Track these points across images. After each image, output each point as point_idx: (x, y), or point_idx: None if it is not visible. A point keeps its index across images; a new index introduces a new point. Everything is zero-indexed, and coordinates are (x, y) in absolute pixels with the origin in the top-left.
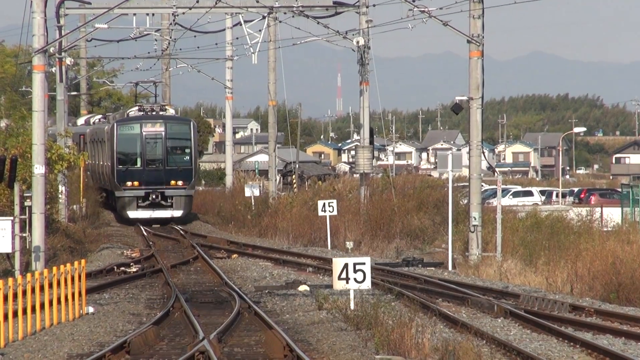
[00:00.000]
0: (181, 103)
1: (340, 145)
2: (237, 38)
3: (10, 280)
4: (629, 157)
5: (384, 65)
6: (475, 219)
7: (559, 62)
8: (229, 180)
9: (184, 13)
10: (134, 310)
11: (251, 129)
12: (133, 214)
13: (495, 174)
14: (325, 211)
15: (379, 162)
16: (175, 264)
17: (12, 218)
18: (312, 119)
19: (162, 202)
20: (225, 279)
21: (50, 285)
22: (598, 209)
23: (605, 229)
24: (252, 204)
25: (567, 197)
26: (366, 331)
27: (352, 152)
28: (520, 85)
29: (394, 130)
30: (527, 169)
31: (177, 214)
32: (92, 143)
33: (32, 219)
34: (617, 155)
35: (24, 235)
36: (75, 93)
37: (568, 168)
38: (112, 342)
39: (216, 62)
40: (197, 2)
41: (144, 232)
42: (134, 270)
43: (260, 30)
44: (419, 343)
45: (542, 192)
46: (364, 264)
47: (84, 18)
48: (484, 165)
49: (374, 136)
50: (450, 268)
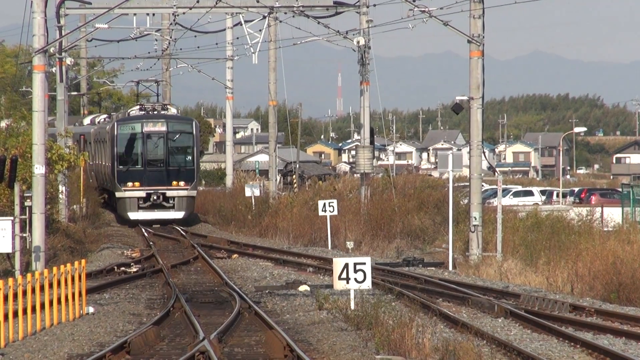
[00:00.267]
0: (181, 103)
1: (340, 145)
2: (238, 38)
3: (10, 280)
4: (629, 157)
5: (384, 65)
6: (475, 218)
7: (560, 61)
8: (229, 180)
9: (184, 13)
10: (134, 311)
11: (251, 129)
12: (134, 216)
13: (496, 173)
14: (325, 211)
15: (379, 162)
16: (176, 264)
17: (12, 218)
18: (313, 118)
19: (164, 203)
20: (225, 279)
21: (50, 286)
22: (598, 209)
23: (605, 229)
24: (253, 204)
25: (568, 197)
26: (366, 331)
27: (353, 152)
28: (520, 85)
29: (394, 130)
30: (527, 168)
31: (179, 215)
32: (96, 143)
33: (32, 219)
34: (618, 155)
35: (24, 235)
36: (75, 93)
37: (568, 168)
38: (113, 342)
39: (216, 62)
40: (198, 2)
41: (144, 232)
42: (134, 270)
43: (260, 30)
44: (419, 343)
45: (542, 192)
46: (364, 264)
47: (84, 18)
48: (485, 165)
49: (375, 136)
50: (450, 268)
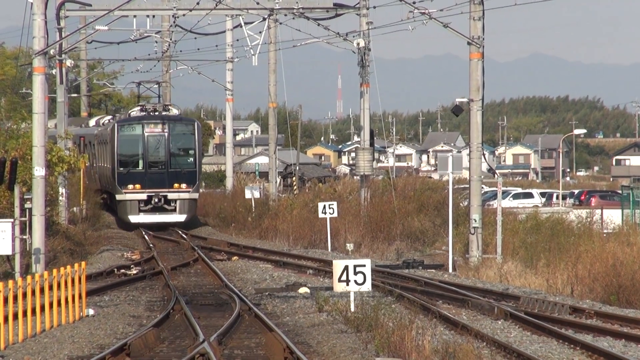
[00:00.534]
0: (181, 105)
1: (340, 147)
2: (238, 40)
3: (10, 282)
4: (629, 159)
5: (384, 67)
6: (475, 220)
7: (560, 63)
8: (229, 182)
9: (184, 15)
10: (134, 313)
11: (251, 131)
12: (135, 219)
13: (496, 176)
14: (325, 213)
15: (379, 164)
16: (176, 266)
17: (12, 220)
18: (313, 120)
19: (165, 206)
20: (225, 281)
21: (50, 288)
22: (598, 211)
23: (605, 231)
24: (253, 206)
25: (568, 199)
26: (366, 333)
27: (353, 154)
28: (520, 87)
29: (394, 132)
30: (527, 170)
31: (181, 218)
32: (99, 145)
33: (32, 221)
34: (618, 157)
35: (24, 237)
36: (76, 95)
37: (568, 170)
38: (113, 344)
39: (216, 64)
40: (198, 4)
41: (144, 235)
42: (134, 272)
43: (260, 32)
44: (419, 345)
45: (542, 194)
46: (364, 266)
47: (85, 20)
48: (484, 167)
49: (374, 138)
50: (450, 270)
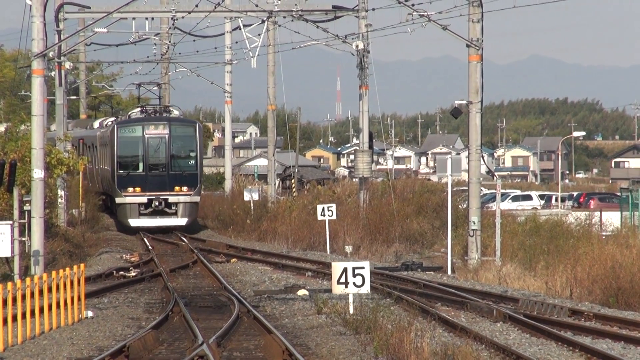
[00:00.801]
0: (180, 107)
1: (339, 149)
2: (237, 42)
3: (9, 284)
4: (628, 161)
5: (383, 69)
6: (474, 223)
7: (559, 66)
8: (228, 184)
9: (183, 17)
10: (133, 315)
11: (250, 133)
12: (135, 222)
13: (495, 178)
14: (324, 215)
15: (378, 167)
16: (175, 268)
17: (11, 222)
18: (312, 123)
19: (166, 209)
20: (224, 283)
21: (49, 290)
22: (597, 213)
23: (604, 233)
24: (252, 208)
25: (567, 201)
26: (365, 335)
27: (352, 156)
28: (519, 89)
29: (393, 135)
30: (526, 173)
31: (182, 222)
32: (101, 147)
33: (31, 223)
34: (617, 159)
35: (23, 239)
36: (75, 97)
37: (567, 172)
38: (112, 346)
39: (215, 66)
40: (196, 6)
41: (143, 237)
42: (133, 274)
43: (259, 35)
44: (418, 347)
45: (541, 196)
46: (363, 268)
47: (83, 22)
48: (483, 169)
49: (373, 140)
50: (449, 272)
